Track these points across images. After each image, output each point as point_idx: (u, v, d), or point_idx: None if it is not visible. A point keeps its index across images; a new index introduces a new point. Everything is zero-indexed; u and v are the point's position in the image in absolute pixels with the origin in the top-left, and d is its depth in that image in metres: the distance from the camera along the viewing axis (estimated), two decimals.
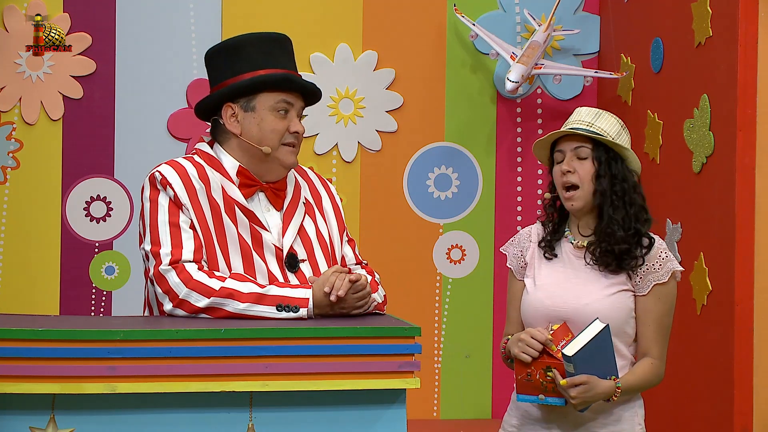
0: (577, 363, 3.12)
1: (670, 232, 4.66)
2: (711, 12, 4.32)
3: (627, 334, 3.34)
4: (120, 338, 2.71)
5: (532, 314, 3.36)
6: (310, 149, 5.43)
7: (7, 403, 2.69)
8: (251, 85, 3.24)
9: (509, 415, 3.48)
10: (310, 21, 5.45)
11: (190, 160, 3.26)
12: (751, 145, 4.09)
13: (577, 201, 3.35)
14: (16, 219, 5.33)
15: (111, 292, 5.38)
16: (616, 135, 3.34)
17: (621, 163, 3.35)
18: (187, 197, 3.17)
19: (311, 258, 3.28)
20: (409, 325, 2.85)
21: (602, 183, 3.32)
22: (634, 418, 3.36)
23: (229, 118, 3.27)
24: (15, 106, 5.30)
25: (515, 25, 5.55)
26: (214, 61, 3.33)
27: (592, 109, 3.40)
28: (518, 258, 3.49)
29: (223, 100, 3.27)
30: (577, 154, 3.35)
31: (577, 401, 3.16)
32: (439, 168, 5.55)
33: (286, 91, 3.27)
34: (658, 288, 3.32)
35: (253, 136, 3.25)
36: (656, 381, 3.36)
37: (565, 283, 3.35)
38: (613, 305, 3.29)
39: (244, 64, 3.26)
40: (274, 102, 3.25)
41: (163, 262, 3.11)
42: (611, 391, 3.21)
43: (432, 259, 5.56)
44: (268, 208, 3.28)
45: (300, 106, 3.32)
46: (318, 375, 2.77)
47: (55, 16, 5.29)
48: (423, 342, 2.90)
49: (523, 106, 5.58)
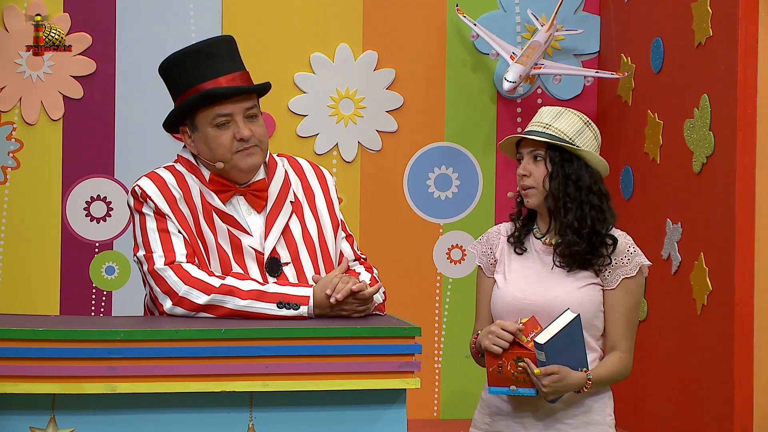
0: (549, 352, 3.15)
1: (670, 232, 4.66)
2: (711, 12, 4.32)
3: (596, 328, 3.37)
4: (120, 338, 2.71)
5: (503, 308, 3.39)
6: (310, 149, 5.43)
7: (7, 403, 2.69)
8: (181, 110, 3.23)
9: (480, 412, 3.50)
10: (310, 21, 5.45)
11: (170, 169, 3.27)
12: (751, 145, 4.09)
13: (532, 198, 3.40)
14: (17, 219, 5.33)
15: (111, 292, 5.38)
16: (576, 134, 3.36)
17: (577, 164, 3.36)
18: (168, 207, 3.18)
19: (296, 261, 3.26)
20: (409, 325, 2.85)
21: (553, 185, 3.35)
22: (605, 408, 3.41)
23: (186, 140, 3.29)
24: (15, 106, 5.30)
25: (515, 25, 5.55)
26: (165, 79, 3.32)
27: (555, 108, 3.43)
28: (487, 255, 3.52)
29: (176, 122, 3.28)
30: (533, 156, 3.38)
31: (548, 390, 3.19)
32: (440, 168, 5.55)
33: (216, 104, 3.21)
34: (626, 282, 3.36)
35: (206, 154, 3.24)
36: (625, 374, 3.40)
37: (535, 276, 3.39)
38: (583, 298, 3.33)
39: (180, 86, 3.24)
40: (211, 118, 3.21)
41: (158, 263, 3.12)
42: (582, 382, 3.25)
43: (432, 259, 5.56)
44: (249, 211, 3.27)
45: (242, 108, 3.23)
46: (318, 375, 2.77)
47: (55, 16, 5.29)
48: (423, 342, 2.90)
49: (524, 106, 5.58)
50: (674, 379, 4.61)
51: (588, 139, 3.38)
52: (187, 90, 3.23)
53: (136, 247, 3.21)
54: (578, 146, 3.35)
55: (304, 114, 5.44)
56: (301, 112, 5.42)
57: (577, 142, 3.35)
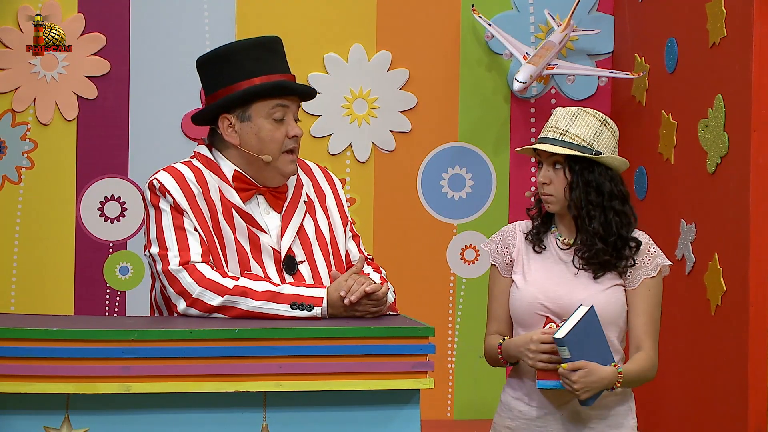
0: (570, 346, 3.14)
1: (684, 233, 4.65)
2: (725, 12, 4.32)
3: (620, 328, 3.37)
4: (134, 338, 2.72)
5: (525, 309, 3.37)
6: (324, 150, 5.43)
7: (21, 403, 2.70)
8: (244, 95, 3.22)
9: (500, 416, 3.47)
10: (323, 21, 5.45)
11: (188, 165, 3.26)
12: (765, 145, 4.08)
13: (553, 205, 3.37)
14: (31, 219, 5.34)
15: (125, 292, 5.39)
16: (593, 137, 3.31)
17: (598, 170, 3.33)
18: (186, 203, 3.17)
19: (310, 260, 3.27)
20: (422, 326, 2.85)
21: (575, 194, 3.32)
22: (629, 412, 3.39)
23: (226, 129, 3.25)
24: (29, 106, 5.31)
25: (529, 25, 5.54)
26: (206, 70, 3.31)
27: (570, 110, 3.37)
28: (503, 255, 3.48)
29: (218, 111, 3.26)
30: (552, 163, 3.35)
31: (578, 386, 3.16)
32: (453, 168, 5.55)
33: (277, 97, 3.24)
34: (647, 282, 3.35)
35: (253, 146, 3.23)
36: (652, 373, 3.37)
37: (558, 279, 3.37)
38: (608, 300, 3.31)
39: (236, 73, 3.23)
40: (269, 109, 3.22)
41: (172, 263, 3.11)
42: (613, 377, 3.22)
43: (446, 259, 5.56)
44: (267, 210, 3.27)
45: (296, 107, 3.29)
46: (332, 375, 2.78)
47: (69, 17, 5.30)
48: (437, 342, 2.90)
49: (537, 106, 5.57)
50: (688, 380, 4.60)
51: (606, 138, 3.34)
52: (249, 77, 3.22)
53: (149, 243, 3.20)
54: (597, 150, 3.31)
55: (318, 114, 5.44)
56: (314, 113, 5.42)
57: (595, 145, 3.31)
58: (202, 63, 3.33)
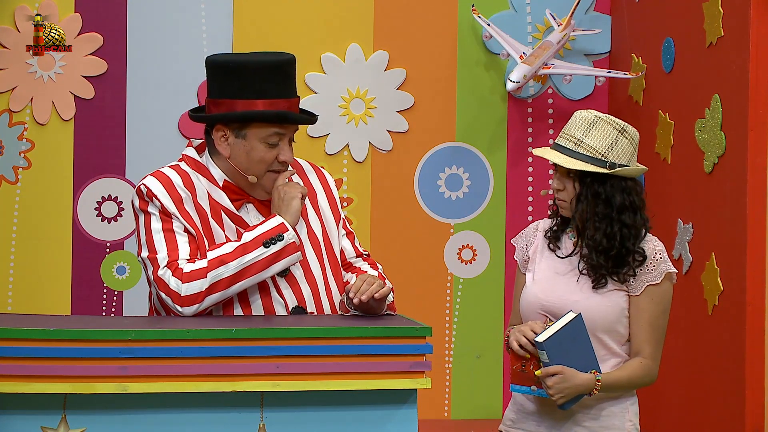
0: (550, 351, 3.14)
1: (681, 233, 4.65)
2: (722, 12, 4.32)
3: (620, 334, 3.33)
4: (131, 338, 2.72)
5: (526, 308, 3.39)
6: (321, 149, 5.44)
7: (18, 403, 2.70)
8: (244, 117, 3.21)
9: (509, 409, 3.51)
10: (321, 21, 5.45)
11: (176, 168, 3.26)
12: (762, 144, 4.09)
13: (566, 210, 3.36)
14: (28, 219, 5.34)
15: (122, 292, 5.40)
16: (608, 148, 3.26)
17: (610, 182, 3.29)
18: (174, 207, 3.18)
19: (303, 261, 3.27)
20: (420, 326, 2.85)
21: (580, 207, 3.30)
22: (625, 414, 3.35)
23: (219, 139, 3.24)
24: (26, 106, 5.31)
25: (526, 25, 5.55)
26: (215, 74, 3.27)
27: (588, 117, 3.31)
28: (523, 252, 3.50)
29: (217, 119, 3.26)
30: (565, 171, 3.32)
31: (552, 391, 3.16)
32: (450, 168, 5.55)
33: (277, 124, 3.23)
34: (651, 289, 3.30)
35: (241, 162, 3.23)
36: (647, 380, 3.34)
37: (559, 278, 3.37)
38: (603, 303, 3.29)
39: (242, 89, 3.20)
40: (266, 135, 3.21)
41: (161, 266, 3.12)
42: (591, 384, 3.20)
43: (443, 259, 5.56)
44: (257, 217, 3.27)
45: (292, 132, 3.28)
46: (329, 375, 2.78)
47: (66, 17, 5.30)
48: (434, 342, 2.90)
49: (534, 106, 5.58)
50: (685, 379, 4.61)
51: (623, 148, 3.28)
52: (253, 98, 3.21)
53: (140, 248, 3.21)
54: (612, 161, 3.27)
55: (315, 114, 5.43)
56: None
57: (610, 156, 3.25)
58: (214, 66, 3.28)
